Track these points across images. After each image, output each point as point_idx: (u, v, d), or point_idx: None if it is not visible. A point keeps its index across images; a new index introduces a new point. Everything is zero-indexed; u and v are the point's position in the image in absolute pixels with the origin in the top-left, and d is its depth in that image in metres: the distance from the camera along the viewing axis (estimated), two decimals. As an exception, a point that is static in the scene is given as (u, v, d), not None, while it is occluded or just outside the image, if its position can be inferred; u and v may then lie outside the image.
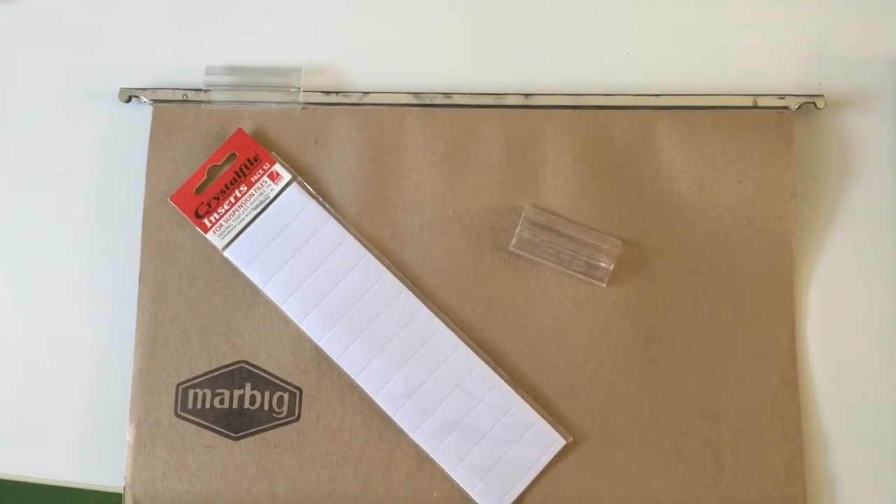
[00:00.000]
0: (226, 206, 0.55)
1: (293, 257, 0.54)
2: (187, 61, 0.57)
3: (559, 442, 0.52)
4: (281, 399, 0.53)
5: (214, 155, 0.55)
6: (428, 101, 0.56)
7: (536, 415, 0.53)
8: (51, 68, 0.58)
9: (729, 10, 0.58)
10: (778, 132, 0.55)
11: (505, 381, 0.53)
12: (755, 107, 0.56)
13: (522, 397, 0.53)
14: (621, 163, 0.55)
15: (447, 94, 0.56)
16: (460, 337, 0.53)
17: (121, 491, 0.52)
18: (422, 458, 0.52)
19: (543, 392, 0.53)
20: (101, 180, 0.57)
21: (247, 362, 0.53)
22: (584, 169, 0.55)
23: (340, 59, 0.57)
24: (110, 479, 0.53)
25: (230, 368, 0.53)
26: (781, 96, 0.55)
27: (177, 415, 0.53)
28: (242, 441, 0.53)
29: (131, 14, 0.58)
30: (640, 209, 0.55)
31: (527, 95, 0.56)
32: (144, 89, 0.56)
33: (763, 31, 0.57)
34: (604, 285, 0.54)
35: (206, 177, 0.55)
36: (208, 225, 0.54)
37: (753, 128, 0.55)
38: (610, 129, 0.55)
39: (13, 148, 0.57)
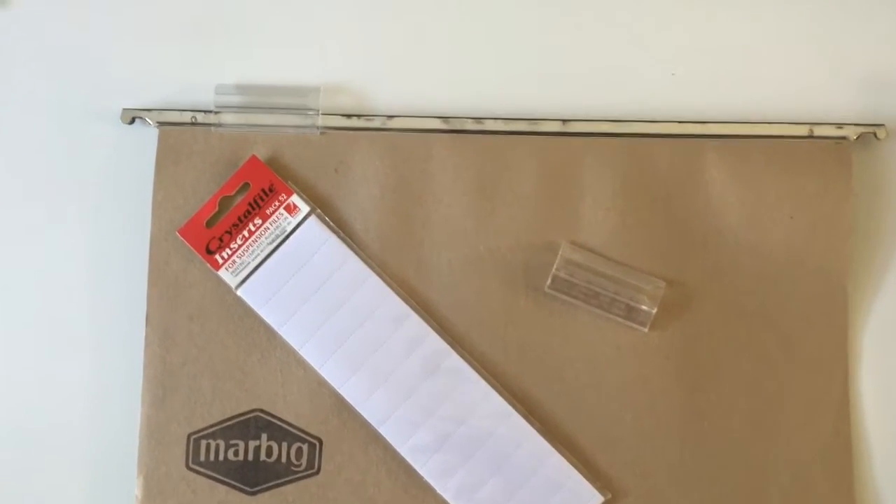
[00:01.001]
0: (239, 241, 0.50)
1: (312, 297, 0.50)
2: (196, 79, 0.53)
3: (596, 498, 0.49)
4: (300, 450, 0.50)
5: (226, 185, 0.51)
6: (457, 127, 0.52)
7: (572, 469, 0.49)
8: (45, 83, 0.53)
9: (784, 31, 0.53)
10: (835, 164, 0.51)
11: (538, 432, 0.50)
12: (811, 136, 0.52)
13: (557, 450, 0.49)
14: (665, 196, 0.51)
15: (478, 119, 0.52)
16: (491, 384, 0.50)
17: (129, 547, 0.49)
18: (450, 514, 0.49)
19: (580, 444, 0.50)
20: (101, 210, 0.52)
21: (263, 411, 0.50)
22: (626, 202, 0.51)
23: (362, 79, 0.53)
24: (118, 533, 0.50)
25: (245, 417, 0.50)
26: (839, 125, 0.51)
27: (188, 467, 0.49)
28: (259, 496, 0.49)
29: (135, 25, 0.53)
30: (684, 247, 0.51)
31: (564, 121, 0.52)
32: (149, 110, 0.52)
33: (820, 54, 0.53)
34: (645, 330, 0.50)
35: (217, 208, 0.51)
36: (220, 261, 0.50)
37: (808, 159, 0.51)
38: (653, 159, 0.51)
39: (4, 171, 0.52)
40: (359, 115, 0.52)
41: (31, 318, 0.52)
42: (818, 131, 0.52)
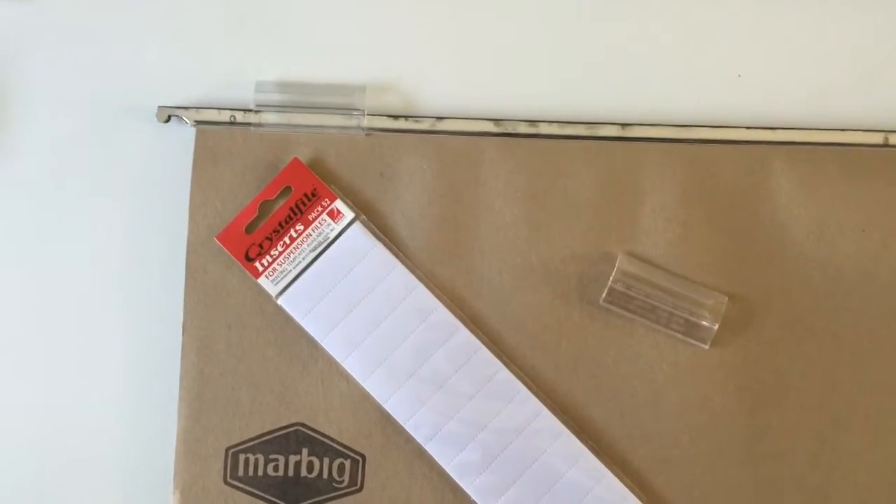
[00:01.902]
0: (280, 248, 0.48)
1: (356, 307, 0.48)
2: (235, 76, 0.50)
3: (652, 522, 0.47)
4: (342, 466, 0.48)
5: (267, 188, 0.48)
6: (510, 130, 0.49)
7: (627, 490, 0.47)
8: (77, 79, 0.50)
9: (859, 32, 0.50)
10: (911, 175, 0.48)
11: (591, 451, 0.47)
12: (886, 145, 0.49)
13: (611, 470, 0.47)
14: (729, 205, 0.48)
15: (532, 123, 0.49)
16: (543, 401, 0.47)
17: (164, 563, 0.48)
18: (498, 536, 0.47)
19: (634, 465, 0.48)
20: (136, 213, 0.50)
21: (304, 425, 0.48)
22: (687, 212, 0.48)
23: (410, 78, 0.50)
24: (153, 550, 0.49)
25: (285, 431, 0.48)
26: (917, 133, 0.49)
27: (226, 482, 0.47)
28: (299, 514, 0.47)
29: (172, 19, 0.50)
30: (749, 260, 0.48)
31: (623, 126, 0.49)
32: (186, 108, 0.49)
33: (898, 55, 0.50)
34: (706, 347, 0.48)
35: (257, 213, 0.48)
36: (260, 269, 0.48)
37: (883, 169, 0.48)
38: (717, 167, 0.49)
39: (33, 173, 0.50)
40: (406, 117, 0.49)
41: (65, 325, 0.50)
42: (894, 139, 0.49)
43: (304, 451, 0.48)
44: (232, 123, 0.49)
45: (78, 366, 0.50)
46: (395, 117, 0.49)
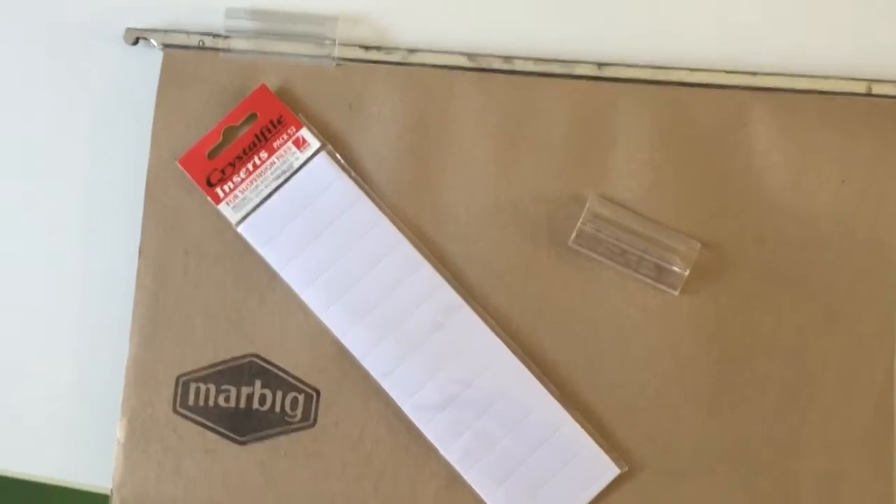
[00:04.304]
0: (242, 175, 0.47)
1: (317, 238, 0.47)
2: (206, 0, 0.49)
3: (612, 471, 0.45)
4: (295, 401, 0.46)
5: (232, 114, 0.47)
6: (484, 66, 0.48)
7: (588, 438, 0.46)
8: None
9: (846, -23, 0.49)
10: (894, 126, 0.47)
11: (554, 396, 0.46)
12: (869, 94, 0.47)
13: (573, 417, 0.46)
14: (705, 151, 0.47)
15: (507, 59, 0.48)
16: (505, 343, 0.46)
17: (108, 493, 0.46)
18: (453, 480, 0.46)
19: (597, 412, 0.46)
20: (98, 135, 0.49)
21: (258, 356, 0.46)
22: (662, 155, 0.47)
23: (384, 9, 0.49)
24: (97, 478, 0.47)
25: (239, 362, 0.46)
26: (901, 83, 0.47)
27: (175, 411, 0.46)
28: (249, 446, 0.46)
29: (143, -59, 0.50)
30: (723, 207, 0.47)
31: (600, 65, 0.48)
32: (154, 31, 0.48)
33: (885, 5, 0.49)
34: (676, 293, 0.46)
35: (221, 139, 0.47)
36: (221, 195, 0.47)
37: (865, 119, 0.47)
38: (695, 111, 0.47)
39: None
40: (378, 48, 0.48)
41: (21, 246, 0.48)
42: (877, 89, 0.47)
43: (258, 382, 0.46)
44: (201, 48, 0.48)
45: (31, 289, 0.48)
46: (367, 48, 0.48)
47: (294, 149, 0.47)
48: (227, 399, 0.46)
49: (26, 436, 0.48)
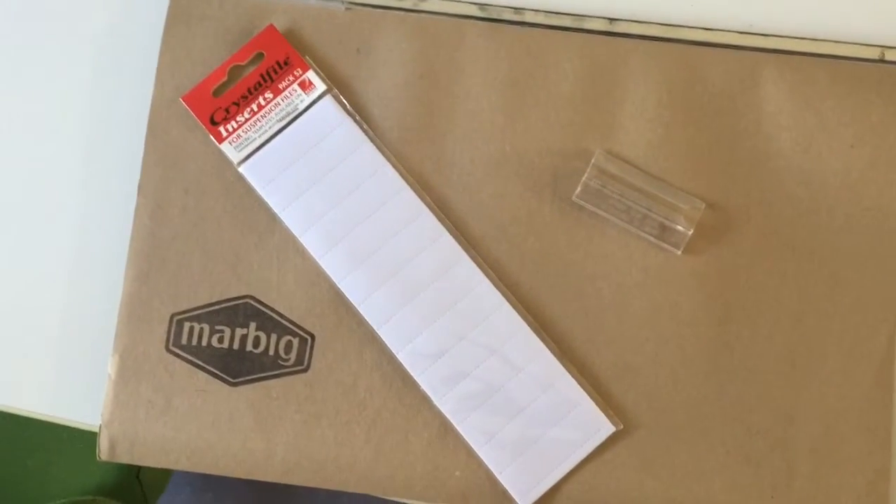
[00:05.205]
0: (246, 115, 0.46)
1: (319, 182, 0.46)
2: (217, -61, 0.49)
3: (607, 428, 0.45)
4: (289, 344, 0.46)
5: (239, 52, 0.47)
6: (495, 16, 0.47)
7: (584, 394, 0.45)
8: (57, -67, 0.49)
9: (864, -58, 0.49)
10: (905, 93, 0.47)
11: (551, 351, 0.45)
12: (882, 60, 0.47)
13: (569, 372, 0.45)
14: (715, 111, 0.47)
15: (518, 10, 0.47)
16: (504, 295, 0.46)
17: (96, 429, 0.46)
18: (445, 430, 0.45)
19: (594, 369, 0.46)
20: (103, 70, 0.48)
21: (254, 298, 0.46)
22: (670, 113, 0.47)
23: (396, -45, 0.49)
24: (86, 414, 0.46)
25: (234, 303, 0.46)
26: (914, 51, 0.47)
27: (168, 349, 0.46)
28: (241, 388, 0.45)
29: None
30: (730, 168, 0.46)
31: (611, 20, 0.47)
32: (164, -33, 0.48)
33: (902, -30, 0.48)
34: (678, 252, 0.46)
35: (226, 77, 0.47)
36: (224, 134, 0.46)
37: (877, 85, 0.47)
38: (705, 70, 0.47)
39: (1, 20, 0.49)
40: (389, -7, 0.48)
41: (21, 175, 0.48)
42: (890, 55, 0.47)
43: (252, 324, 0.46)
44: (209, -13, 0.48)
45: (27, 220, 0.48)
46: (378, -7, 0.48)
47: (300, 91, 0.47)
48: (220, 340, 0.46)
49: (15, 369, 0.47)
